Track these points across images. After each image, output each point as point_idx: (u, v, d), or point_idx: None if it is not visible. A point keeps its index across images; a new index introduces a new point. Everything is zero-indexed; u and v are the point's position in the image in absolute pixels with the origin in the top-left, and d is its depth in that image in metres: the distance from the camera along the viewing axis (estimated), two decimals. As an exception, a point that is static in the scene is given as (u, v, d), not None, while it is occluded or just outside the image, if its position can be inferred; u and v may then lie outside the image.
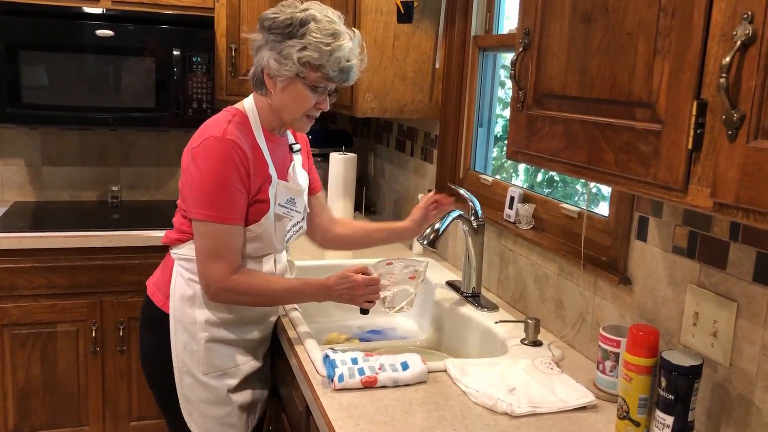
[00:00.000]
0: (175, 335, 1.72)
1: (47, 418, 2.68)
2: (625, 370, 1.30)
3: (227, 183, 1.59)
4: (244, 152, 1.60)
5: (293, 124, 1.72)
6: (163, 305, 1.74)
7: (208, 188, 1.60)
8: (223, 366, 1.74)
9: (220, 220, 1.61)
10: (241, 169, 1.60)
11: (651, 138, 0.92)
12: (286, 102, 1.65)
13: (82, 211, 3.03)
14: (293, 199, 1.77)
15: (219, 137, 1.60)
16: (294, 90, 1.63)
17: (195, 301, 1.72)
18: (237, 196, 1.61)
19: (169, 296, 1.73)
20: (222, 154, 1.59)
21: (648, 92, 0.93)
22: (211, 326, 1.72)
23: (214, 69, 2.87)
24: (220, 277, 1.63)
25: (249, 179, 1.63)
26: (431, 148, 2.63)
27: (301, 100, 1.64)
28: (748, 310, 1.22)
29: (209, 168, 1.59)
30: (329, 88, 1.67)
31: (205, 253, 1.63)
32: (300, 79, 1.61)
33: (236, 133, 1.62)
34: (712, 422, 1.30)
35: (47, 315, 2.62)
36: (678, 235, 1.38)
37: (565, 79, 1.11)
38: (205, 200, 1.60)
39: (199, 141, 1.62)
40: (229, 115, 1.67)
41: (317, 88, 1.63)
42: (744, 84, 0.78)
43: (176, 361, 1.72)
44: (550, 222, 1.92)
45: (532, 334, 1.72)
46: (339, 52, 1.59)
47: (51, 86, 2.69)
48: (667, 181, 0.90)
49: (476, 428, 1.31)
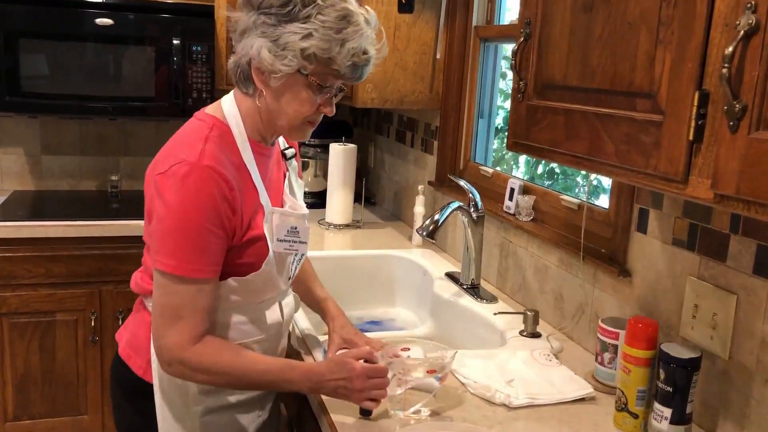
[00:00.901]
0: (162, 410, 1.38)
1: (46, 407, 2.68)
2: (624, 362, 1.30)
3: (200, 226, 1.22)
4: (227, 182, 1.24)
5: (289, 133, 1.36)
6: (144, 373, 1.39)
7: (173, 231, 1.22)
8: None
9: (183, 272, 1.23)
10: (221, 207, 1.23)
11: (652, 129, 0.91)
12: (282, 106, 1.29)
13: (81, 200, 3.02)
14: (295, 228, 1.40)
15: (193, 163, 1.22)
16: (293, 90, 1.27)
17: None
18: (212, 243, 1.24)
19: (150, 362, 1.37)
20: (196, 188, 1.21)
21: (649, 82, 0.92)
22: (206, 396, 1.38)
23: (214, 58, 2.85)
24: (175, 345, 1.26)
25: (234, 217, 1.27)
26: (431, 140, 2.63)
27: (302, 103, 1.28)
28: (747, 303, 1.22)
29: (178, 204, 1.21)
30: (336, 86, 1.31)
31: (159, 312, 1.27)
32: (302, 75, 1.25)
33: (216, 155, 1.24)
34: (711, 414, 1.30)
35: (46, 304, 2.62)
36: (678, 228, 1.38)
37: (566, 69, 1.10)
38: (168, 246, 1.23)
39: (166, 165, 1.23)
40: (205, 129, 1.29)
41: (323, 87, 1.28)
42: (746, 74, 0.77)
43: None
44: (550, 214, 1.92)
45: (531, 325, 1.72)
46: (353, 40, 1.23)
47: (50, 75, 2.68)
48: (668, 173, 0.89)
49: (474, 419, 1.31)
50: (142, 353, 1.39)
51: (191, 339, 1.26)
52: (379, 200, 3.22)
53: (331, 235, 2.66)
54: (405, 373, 1.29)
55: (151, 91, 2.80)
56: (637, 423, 1.29)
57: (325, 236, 2.63)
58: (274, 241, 1.36)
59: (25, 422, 2.66)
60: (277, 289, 1.42)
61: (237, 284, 1.33)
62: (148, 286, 1.37)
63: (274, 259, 1.36)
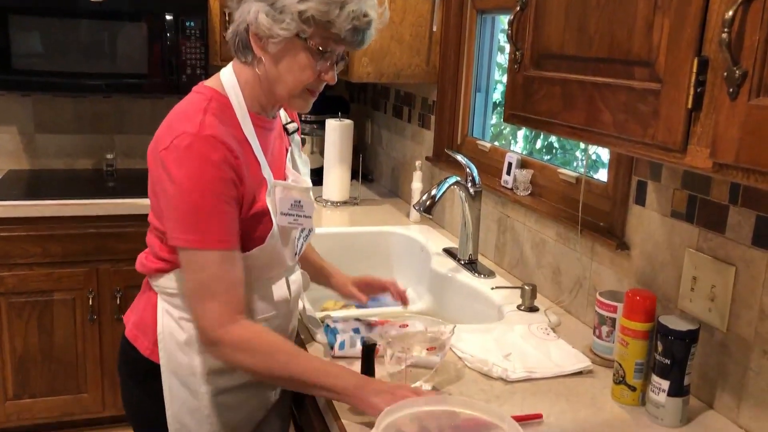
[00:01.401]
0: (170, 391, 1.37)
1: (46, 386, 2.70)
2: (622, 335, 1.30)
3: (211, 195, 1.21)
4: (231, 150, 1.22)
5: (290, 102, 1.33)
6: (151, 354, 1.38)
7: (187, 205, 1.21)
8: (235, 420, 1.42)
9: (206, 245, 1.22)
10: (229, 175, 1.22)
11: (650, 97, 0.90)
12: (281, 72, 1.27)
13: (77, 179, 3.01)
14: (299, 202, 1.38)
15: (194, 134, 1.20)
16: (292, 56, 1.25)
17: (191, 346, 1.35)
18: (226, 212, 1.23)
19: (156, 342, 1.37)
20: (201, 158, 1.20)
21: (647, 50, 0.90)
22: (216, 376, 1.37)
23: (208, 34, 2.83)
24: (214, 324, 1.24)
25: (241, 186, 1.26)
26: (429, 115, 2.60)
27: (302, 69, 1.26)
28: (746, 275, 1.21)
29: (185, 177, 1.20)
30: (337, 52, 1.28)
31: (192, 292, 1.26)
32: (300, 40, 1.23)
33: (217, 125, 1.23)
34: (708, 386, 1.30)
35: (44, 283, 2.62)
36: (677, 199, 1.37)
37: (563, 38, 1.08)
38: (184, 222, 1.22)
39: (168, 140, 1.22)
40: (203, 100, 1.28)
41: (324, 52, 1.25)
42: (747, 39, 0.75)
43: (172, 422, 1.38)
44: (548, 188, 1.91)
45: (529, 300, 1.71)
46: (353, 3, 1.21)
47: (42, 52, 2.65)
48: (666, 142, 0.88)
49: (471, 393, 1.31)
50: (148, 334, 1.38)
51: (229, 315, 1.24)
52: (377, 177, 3.20)
53: (329, 213, 2.65)
54: (405, 351, 1.28)
55: (144, 67, 2.77)
56: (635, 395, 1.29)
57: (322, 213, 2.62)
58: (278, 215, 1.33)
59: (26, 401, 2.68)
60: (283, 264, 1.40)
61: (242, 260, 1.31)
62: (153, 265, 1.36)
63: (279, 234, 1.34)
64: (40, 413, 2.71)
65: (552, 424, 1.22)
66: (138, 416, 1.47)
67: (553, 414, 1.25)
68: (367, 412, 1.19)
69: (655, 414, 1.25)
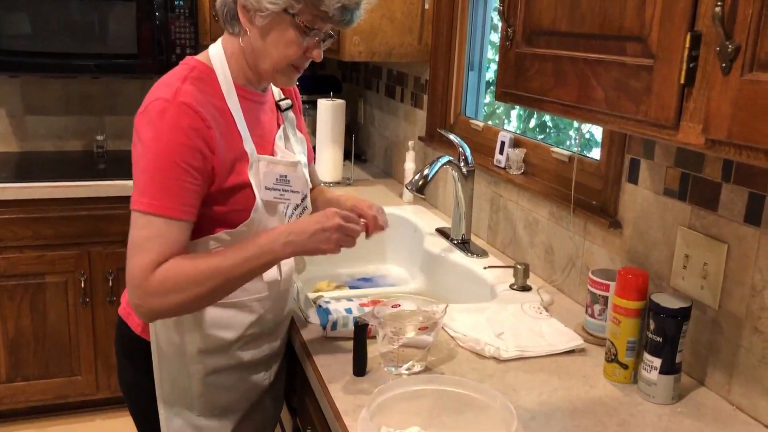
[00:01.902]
0: (159, 369, 1.36)
1: (39, 369, 2.70)
2: (614, 313, 1.30)
3: (173, 162, 1.18)
4: (203, 120, 1.21)
5: (274, 77, 1.32)
6: (143, 332, 1.38)
7: (147, 168, 1.20)
8: (225, 401, 1.41)
9: (155, 209, 1.19)
10: (197, 144, 1.20)
11: (642, 74, 0.89)
12: (267, 46, 1.26)
13: (67, 161, 2.99)
14: (285, 177, 1.36)
15: (169, 100, 1.20)
16: (279, 30, 1.24)
17: (182, 325, 1.33)
18: (186, 182, 1.20)
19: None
20: (170, 124, 1.19)
21: (640, 25, 0.89)
22: (206, 356, 1.36)
23: (197, 13, 2.80)
24: (138, 276, 1.19)
25: (213, 157, 1.23)
26: (421, 94, 2.59)
27: (287, 44, 1.25)
28: (738, 252, 1.21)
29: (151, 141, 1.19)
30: (325, 30, 1.28)
31: (130, 246, 1.22)
32: (288, 15, 1.22)
33: (194, 93, 1.22)
34: (700, 363, 1.31)
35: (35, 266, 2.61)
36: (670, 177, 1.36)
37: (555, 13, 1.07)
38: (141, 183, 1.21)
39: (144, 105, 1.24)
40: (185, 70, 1.27)
41: (310, 29, 1.25)
42: (740, 14, 0.75)
43: (162, 401, 1.38)
44: (540, 167, 1.90)
45: (521, 279, 1.71)
46: None
47: (30, 32, 2.62)
48: (659, 119, 0.87)
49: (463, 371, 1.32)
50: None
51: (154, 266, 1.19)
52: (370, 157, 3.19)
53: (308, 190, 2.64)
54: (397, 331, 1.28)
55: (134, 47, 2.74)
56: (627, 373, 1.30)
57: (314, 194, 2.61)
58: (262, 189, 1.32)
59: (19, 383, 2.69)
60: None
61: (229, 237, 1.30)
62: None
63: (263, 208, 1.32)
64: (34, 396, 2.72)
65: (544, 402, 1.22)
66: (132, 393, 1.47)
67: (545, 392, 1.25)
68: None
69: (647, 391, 1.25)
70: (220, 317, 1.36)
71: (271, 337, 1.47)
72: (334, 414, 1.17)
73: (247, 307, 1.38)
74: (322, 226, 1.24)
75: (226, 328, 1.36)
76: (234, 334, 1.38)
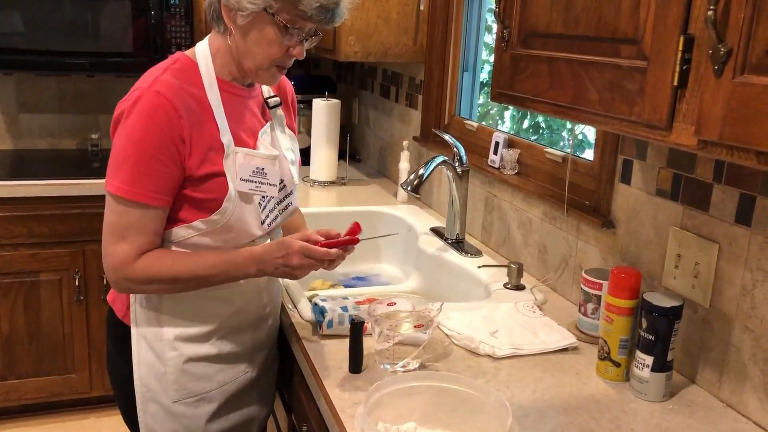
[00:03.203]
0: (137, 354, 1.40)
1: (33, 366, 2.69)
2: (607, 311, 1.32)
3: (143, 150, 1.24)
4: (175, 109, 1.25)
5: (257, 75, 1.34)
6: (124, 317, 1.42)
7: (119, 153, 1.26)
8: (200, 390, 1.43)
9: (126, 194, 1.26)
10: (168, 133, 1.25)
11: (636, 75, 0.90)
12: (249, 45, 1.29)
13: (61, 159, 2.99)
14: (262, 170, 1.38)
15: (145, 89, 1.25)
16: (259, 30, 1.27)
17: (161, 311, 1.38)
18: (156, 169, 1.26)
19: (129, 305, 1.40)
20: (142, 112, 1.24)
21: (634, 28, 0.91)
22: (183, 342, 1.39)
23: (193, 12, 2.80)
24: (119, 263, 1.29)
25: (184, 146, 1.27)
26: (416, 94, 2.60)
27: (269, 44, 1.28)
28: (729, 252, 1.23)
29: (128, 129, 1.26)
30: (306, 29, 1.31)
31: (106, 230, 1.30)
32: (268, 15, 1.25)
33: (171, 84, 1.26)
34: (691, 361, 1.32)
35: (29, 264, 2.60)
36: (662, 178, 1.38)
37: (550, 16, 1.08)
38: (118, 169, 1.27)
39: (126, 95, 1.30)
40: (169, 62, 1.33)
41: (290, 29, 1.27)
42: (732, 17, 0.76)
43: (139, 385, 1.41)
44: (534, 167, 1.91)
45: (515, 278, 1.73)
46: None
47: (24, 30, 2.61)
48: (652, 120, 0.89)
49: (458, 369, 1.33)
50: (123, 297, 1.42)
51: (135, 256, 1.29)
52: (364, 157, 3.20)
53: (316, 193, 2.65)
54: (392, 329, 1.29)
55: (128, 46, 2.74)
56: (619, 371, 1.31)
57: (309, 193, 2.62)
58: (237, 180, 1.34)
59: (13, 381, 2.68)
60: (248, 234, 1.40)
61: (205, 226, 1.33)
62: None
63: (237, 198, 1.34)
64: (28, 394, 2.71)
65: (538, 399, 1.23)
66: (114, 376, 1.51)
67: (539, 389, 1.27)
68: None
69: (639, 389, 1.27)
70: (198, 306, 1.40)
71: (254, 331, 1.49)
72: (331, 411, 1.18)
73: (225, 298, 1.41)
74: (284, 262, 1.33)
75: (204, 317, 1.40)
76: (212, 325, 1.41)
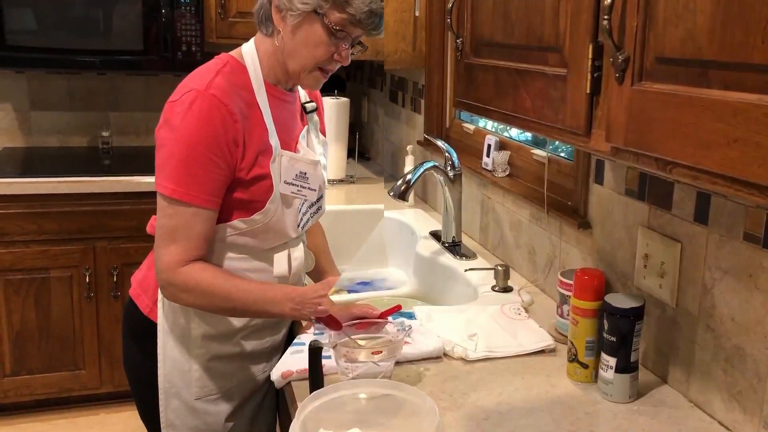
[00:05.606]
0: (163, 350, 1.47)
1: (43, 362, 2.83)
2: (573, 314, 1.37)
3: (200, 152, 1.32)
4: (231, 113, 1.34)
5: (301, 78, 1.42)
6: (150, 312, 1.50)
7: (173, 155, 1.33)
8: (222, 387, 1.51)
9: (180, 196, 1.33)
10: (224, 136, 1.33)
11: (559, 83, 0.96)
12: (296, 46, 1.38)
13: (72, 156, 3.12)
14: (304, 174, 1.47)
15: (200, 91, 1.33)
16: (309, 31, 1.36)
17: (190, 309, 1.45)
18: (211, 171, 1.33)
19: (156, 301, 1.48)
20: (200, 115, 1.31)
21: (555, 36, 0.97)
22: (211, 341, 1.48)
23: (203, 10, 2.90)
24: (165, 266, 1.36)
25: (238, 149, 1.36)
26: (420, 99, 2.68)
27: (315, 45, 1.36)
28: (690, 250, 1.27)
29: (181, 130, 1.32)
30: (354, 35, 1.39)
31: (158, 233, 1.39)
32: (318, 16, 1.34)
33: (224, 87, 1.35)
34: (662, 361, 1.36)
35: (40, 261, 2.74)
36: (630, 178, 1.43)
37: (493, 25, 1.15)
38: (171, 171, 1.33)
39: (178, 95, 1.36)
40: (219, 63, 1.40)
41: (337, 31, 1.36)
42: (628, 25, 0.81)
43: (163, 381, 1.48)
44: (523, 168, 1.98)
45: (502, 280, 1.78)
46: None
47: (36, 28, 2.74)
48: (572, 126, 0.94)
49: (428, 374, 1.38)
50: (150, 292, 1.50)
51: (182, 261, 1.35)
52: (373, 155, 3.28)
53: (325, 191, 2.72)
54: (349, 357, 1.29)
55: (139, 44, 2.86)
56: (588, 373, 1.36)
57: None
58: (281, 183, 1.43)
59: (24, 377, 2.82)
60: (284, 234, 1.48)
61: (244, 225, 1.42)
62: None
63: (280, 200, 1.43)
64: (38, 389, 2.85)
65: (502, 402, 1.28)
66: (134, 375, 1.59)
67: (505, 392, 1.31)
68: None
69: (605, 390, 1.31)
70: None
71: (273, 330, 1.58)
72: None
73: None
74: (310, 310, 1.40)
75: (231, 318, 1.48)
76: (239, 323, 1.49)
